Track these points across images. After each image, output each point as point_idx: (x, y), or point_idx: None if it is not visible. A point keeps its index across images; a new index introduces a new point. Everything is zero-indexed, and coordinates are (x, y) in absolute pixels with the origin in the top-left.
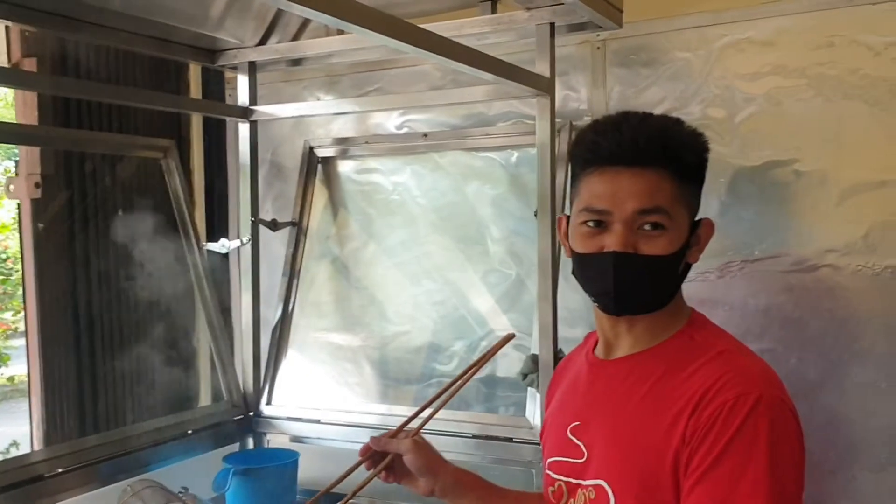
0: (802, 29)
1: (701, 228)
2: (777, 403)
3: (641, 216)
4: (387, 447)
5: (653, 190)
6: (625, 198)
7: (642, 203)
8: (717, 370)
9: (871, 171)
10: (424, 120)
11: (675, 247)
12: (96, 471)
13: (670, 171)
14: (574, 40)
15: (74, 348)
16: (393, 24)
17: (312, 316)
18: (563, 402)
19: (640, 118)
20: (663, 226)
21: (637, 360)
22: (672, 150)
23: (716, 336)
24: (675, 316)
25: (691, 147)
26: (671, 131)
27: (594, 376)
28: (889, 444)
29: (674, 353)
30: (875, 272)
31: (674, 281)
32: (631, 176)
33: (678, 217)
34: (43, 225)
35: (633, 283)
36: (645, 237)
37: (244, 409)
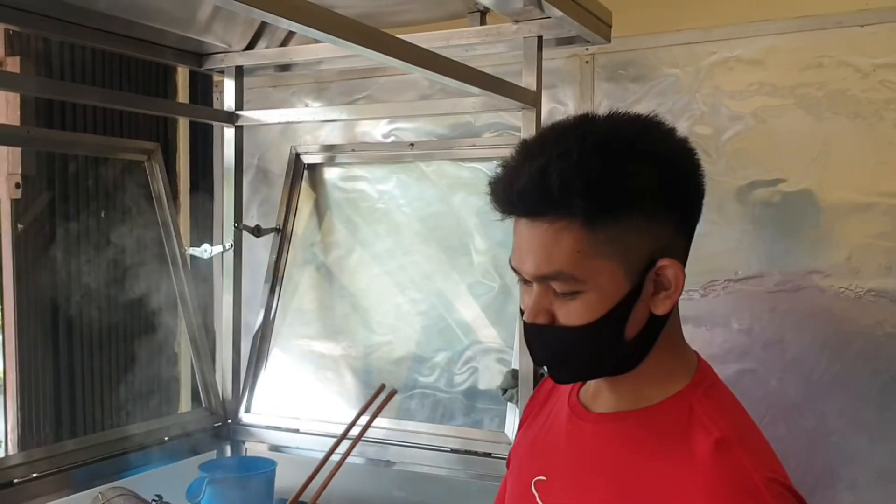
0: (791, 49)
1: (664, 270)
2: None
3: (545, 281)
4: None
5: (549, 248)
6: (525, 258)
7: (538, 267)
8: (707, 472)
9: (856, 194)
10: (412, 129)
11: (598, 312)
12: (70, 476)
13: (575, 217)
14: (563, 53)
15: (52, 351)
16: (377, 37)
17: (295, 323)
18: (535, 444)
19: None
20: (574, 291)
21: (621, 422)
22: (558, 194)
23: (719, 413)
24: (670, 374)
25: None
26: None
27: (572, 428)
28: (867, 466)
29: (668, 424)
30: (857, 295)
31: (621, 346)
32: (530, 229)
33: (597, 274)
34: (23, 225)
35: (556, 357)
36: (560, 302)
37: (223, 417)
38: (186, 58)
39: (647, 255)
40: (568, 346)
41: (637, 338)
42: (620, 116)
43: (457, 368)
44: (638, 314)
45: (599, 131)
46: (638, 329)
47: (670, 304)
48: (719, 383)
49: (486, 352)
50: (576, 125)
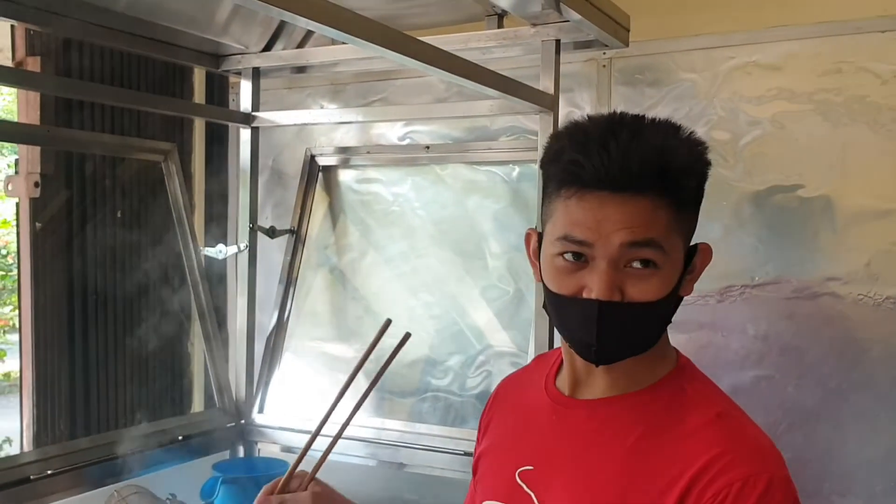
0: (810, 54)
1: (697, 256)
2: (786, 485)
3: (631, 250)
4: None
5: (646, 220)
6: (611, 229)
7: (633, 235)
8: (718, 439)
9: (874, 200)
10: (427, 132)
11: (669, 288)
12: (85, 474)
13: (668, 197)
14: (580, 57)
15: (67, 349)
16: (396, 38)
17: (308, 325)
18: (512, 437)
19: (631, 132)
20: (656, 263)
21: (615, 406)
22: (672, 174)
23: (710, 392)
24: (659, 358)
25: (693, 168)
26: (670, 151)
27: (558, 417)
28: (884, 474)
29: (662, 405)
30: (876, 302)
31: (665, 324)
32: (620, 203)
33: (673, 251)
34: (41, 224)
35: (619, 335)
36: (633, 277)
37: (236, 417)
38: (204, 59)
39: (690, 239)
40: (639, 321)
41: (671, 317)
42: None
43: (470, 372)
44: (677, 295)
45: (678, 127)
46: (672, 310)
47: (692, 287)
48: (700, 371)
49: (499, 356)
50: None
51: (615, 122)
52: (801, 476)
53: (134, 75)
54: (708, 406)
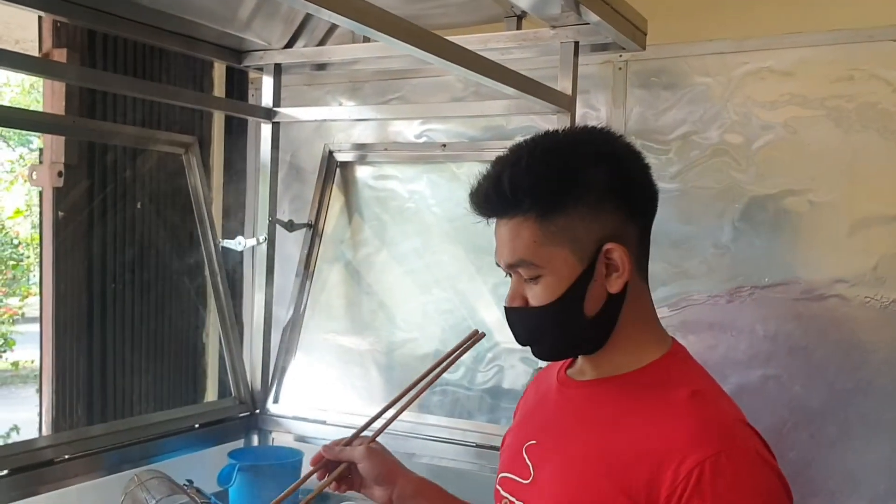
0: (823, 61)
1: (613, 254)
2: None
3: (512, 270)
4: (340, 455)
5: (512, 240)
6: (499, 252)
7: (508, 257)
8: (688, 419)
9: (883, 205)
10: (444, 130)
11: (557, 293)
12: (102, 459)
13: (523, 215)
14: (596, 59)
15: (87, 336)
16: (420, 35)
17: (323, 318)
18: (527, 417)
19: (498, 162)
20: (536, 276)
21: (606, 385)
22: (505, 197)
23: (693, 374)
24: (645, 345)
25: (528, 185)
26: (500, 175)
27: (560, 396)
28: (889, 475)
29: (646, 385)
30: (883, 305)
31: (583, 322)
32: (500, 226)
33: (552, 260)
34: (63, 213)
35: (530, 335)
36: (528, 287)
37: (251, 406)
38: (226, 54)
39: (596, 242)
40: (537, 324)
41: (598, 315)
42: (574, 128)
43: (481, 367)
44: (594, 294)
45: (550, 141)
46: (598, 307)
47: (622, 283)
48: (694, 360)
49: (510, 352)
50: (534, 137)
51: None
52: (806, 474)
53: (156, 68)
54: (685, 385)
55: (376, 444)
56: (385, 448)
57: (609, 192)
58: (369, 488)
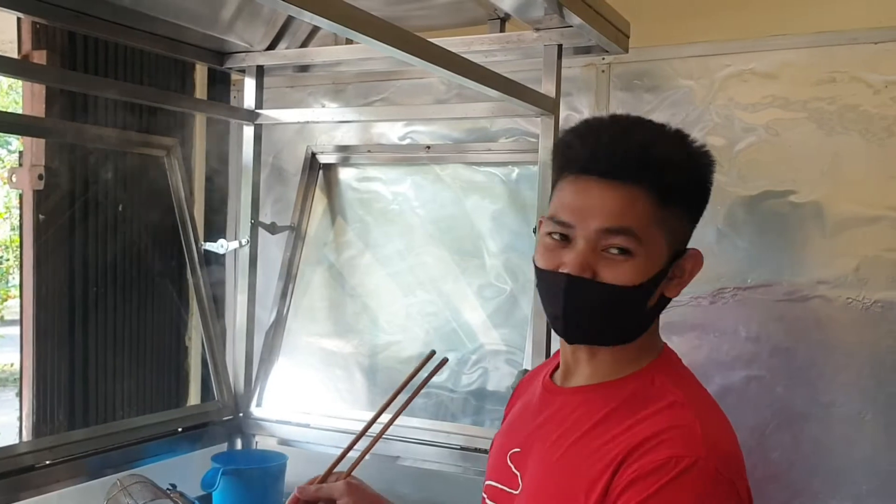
0: (805, 63)
1: (686, 260)
2: (711, 475)
3: (606, 236)
4: (318, 494)
5: (624, 208)
6: (591, 213)
7: (608, 221)
8: (658, 424)
9: (864, 206)
10: (427, 132)
11: (642, 277)
12: (84, 464)
13: (650, 189)
14: (579, 62)
15: (67, 340)
16: (403, 37)
17: (306, 321)
18: (512, 424)
19: (626, 125)
20: (630, 251)
21: (590, 393)
22: (653, 166)
23: (676, 383)
24: (643, 352)
25: (680, 167)
26: (654, 146)
27: (544, 403)
28: (871, 475)
29: (629, 394)
30: (865, 306)
31: (640, 316)
32: (602, 189)
33: (652, 243)
34: (44, 216)
35: (585, 313)
36: (607, 261)
37: (234, 410)
38: (208, 56)
39: (680, 243)
40: (606, 302)
41: (650, 313)
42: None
43: (466, 369)
44: (658, 291)
45: (677, 130)
46: (652, 304)
47: (678, 291)
48: (681, 365)
49: (495, 353)
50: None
51: (621, 120)
52: (790, 475)
53: (137, 70)
54: (667, 395)
55: (353, 479)
56: (362, 483)
57: (701, 197)
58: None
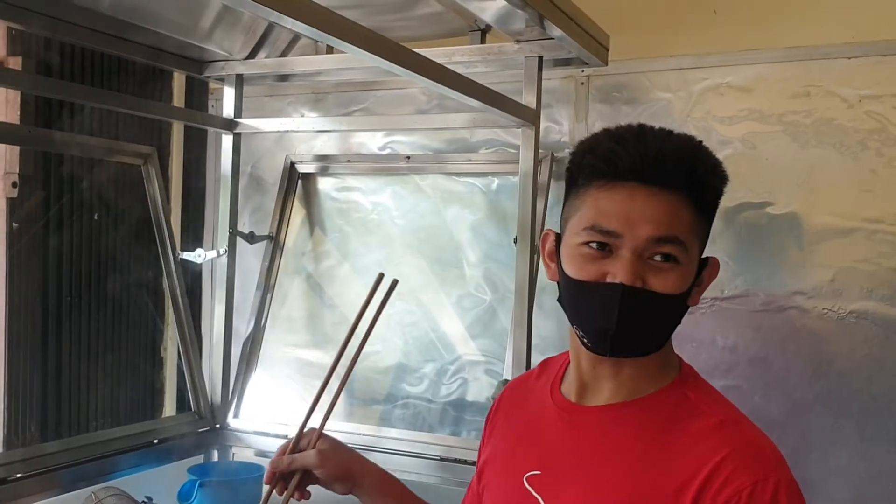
0: (780, 77)
1: (707, 268)
2: (794, 489)
3: (655, 244)
4: (292, 466)
5: (672, 216)
6: (639, 221)
7: (659, 230)
8: (723, 445)
9: (840, 218)
10: (408, 142)
11: (686, 285)
12: (57, 477)
13: (692, 197)
14: (559, 74)
15: (41, 351)
16: (385, 45)
17: (284, 331)
18: (519, 444)
19: (664, 132)
20: (677, 259)
21: (622, 412)
22: (699, 173)
23: (713, 398)
24: (665, 364)
25: (718, 177)
26: (701, 150)
27: (566, 423)
28: (847, 483)
29: (667, 411)
30: (840, 316)
31: (676, 324)
32: (648, 196)
33: (692, 251)
34: (17, 224)
35: (637, 323)
36: (654, 270)
37: (211, 421)
38: (187, 64)
39: (703, 251)
40: (657, 312)
41: (679, 320)
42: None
43: (445, 379)
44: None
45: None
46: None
47: (698, 299)
48: (702, 378)
49: (474, 364)
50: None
51: (653, 128)
52: None
53: (115, 80)
54: (711, 413)
55: (324, 442)
56: (335, 441)
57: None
58: (328, 487)
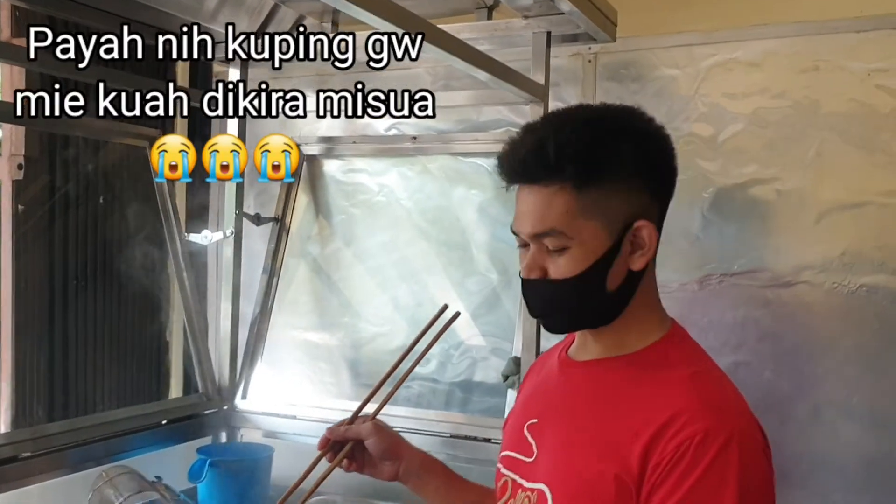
0: (789, 52)
1: (638, 231)
2: (750, 441)
3: (537, 239)
4: (346, 434)
5: (543, 209)
6: (524, 219)
7: (534, 226)
8: (686, 395)
9: (849, 193)
10: (413, 123)
11: (583, 265)
12: (65, 456)
13: (564, 182)
14: (566, 52)
15: (48, 332)
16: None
17: (290, 313)
18: (529, 397)
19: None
20: (565, 246)
21: (605, 365)
22: (550, 161)
23: (691, 355)
24: (648, 326)
25: (580, 152)
26: (552, 139)
27: (561, 376)
28: (858, 458)
29: (646, 365)
30: (850, 290)
31: (603, 298)
32: (528, 194)
33: (582, 232)
34: (23, 207)
35: (547, 308)
36: (551, 258)
37: (219, 403)
38: None
39: (626, 218)
40: (558, 297)
41: (617, 291)
42: (610, 104)
43: (453, 360)
44: (617, 269)
45: (590, 113)
46: (617, 283)
47: (645, 261)
48: (692, 340)
49: (482, 344)
50: (571, 108)
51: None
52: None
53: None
54: (685, 366)
55: (379, 421)
56: (388, 425)
57: (643, 169)
58: (376, 466)
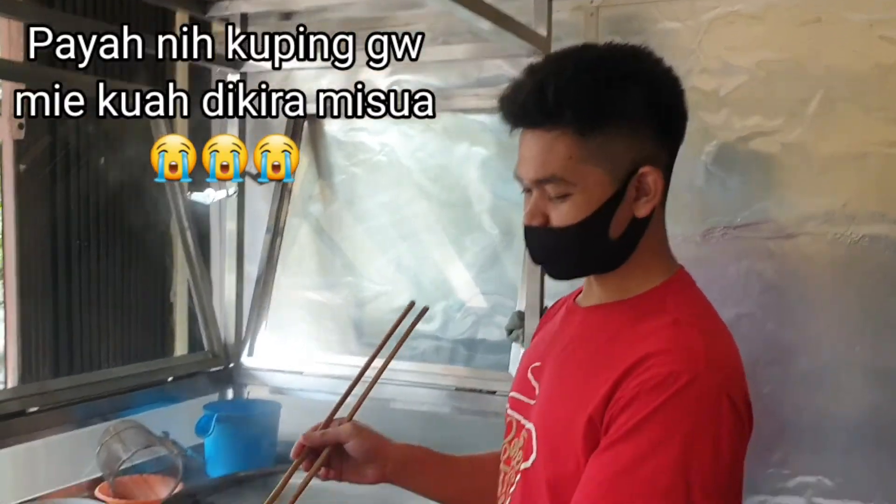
0: (790, 4)
1: (644, 177)
2: (712, 391)
3: (539, 185)
4: (324, 439)
5: (544, 155)
6: (526, 164)
7: (536, 172)
8: (664, 340)
9: (851, 144)
10: (414, 81)
11: (585, 213)
12: (72, 412)
13: (565, 126)
14: (568, 6)
15: (52, 291)
16: None
17: (294, 273)
18: (537, 342)
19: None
20: (566, 192)
21: (605, 310)
22: (551, 106)
23: (686, 302)
24: (650, 272)
25: (582, 95)
26: (553, 82)
27: (566, 322)
28: (860, 410)
29: (640, 311)
30: (853, 240)
31: (607, 245)
32: (530, 139)
33: (585, 178)
34: (25, 166)
35: (549, 255)
36: (553, 205)
37: (224, 360)
38: (190, 3)
39: (631, 163)
40: (560, 244)
41: (621, 238)
42: (615, 44)
43: (457, 318)
44: (621, 216)
45: (593, 54)
46: (621, 230)
47: (650, 208)
48: (693, 286)
49: (485, 301)
50: (574, 49)
51: (541, 61)
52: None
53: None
54: (675, 312)
55: (357, 422)
56: (367, 425)
57: (649, 112)
58: (358, 471)
